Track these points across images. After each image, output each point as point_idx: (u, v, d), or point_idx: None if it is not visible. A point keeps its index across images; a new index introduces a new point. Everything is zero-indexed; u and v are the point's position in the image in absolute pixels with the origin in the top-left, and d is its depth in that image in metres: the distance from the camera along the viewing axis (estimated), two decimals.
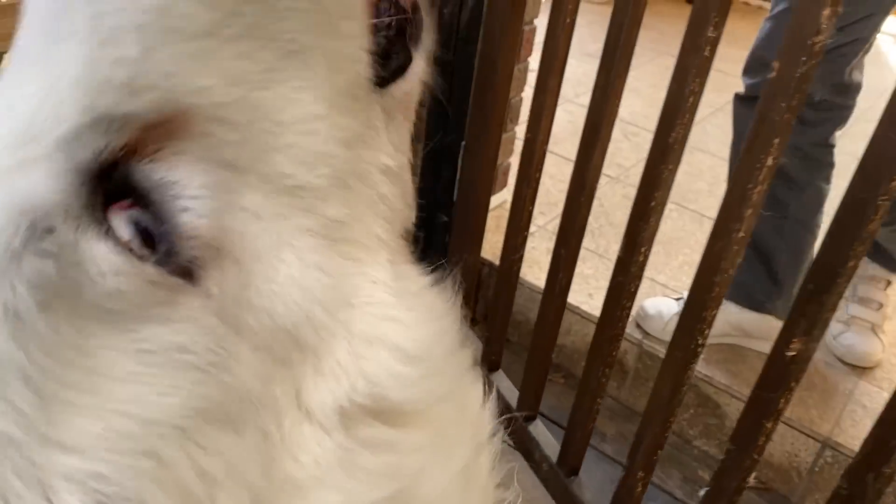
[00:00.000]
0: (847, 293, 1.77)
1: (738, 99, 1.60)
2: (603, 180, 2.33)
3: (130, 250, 0.31)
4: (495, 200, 2.02)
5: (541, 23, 2.01)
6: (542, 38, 1.28)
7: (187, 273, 0.32)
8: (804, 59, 0.85)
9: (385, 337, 0.38)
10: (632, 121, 2.65)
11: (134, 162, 0.32)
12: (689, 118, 1.04)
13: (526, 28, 1.87)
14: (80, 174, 0.31)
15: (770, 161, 0.92)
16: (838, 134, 1.56)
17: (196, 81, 0.33)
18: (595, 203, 2.24)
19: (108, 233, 0.31)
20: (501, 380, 1.66)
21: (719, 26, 0.99)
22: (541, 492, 1.48)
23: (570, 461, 1.39)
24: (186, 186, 0.32)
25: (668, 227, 2.13)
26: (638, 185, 1.13)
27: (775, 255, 1.62)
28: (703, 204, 2.25)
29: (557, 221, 2.19)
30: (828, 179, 1.59)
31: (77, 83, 0.32)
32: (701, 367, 1.66)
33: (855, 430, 1.57)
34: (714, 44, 1.01)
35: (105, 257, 0.30)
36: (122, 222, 0.32)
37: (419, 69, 0.44)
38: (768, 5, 1.56)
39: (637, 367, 1.77)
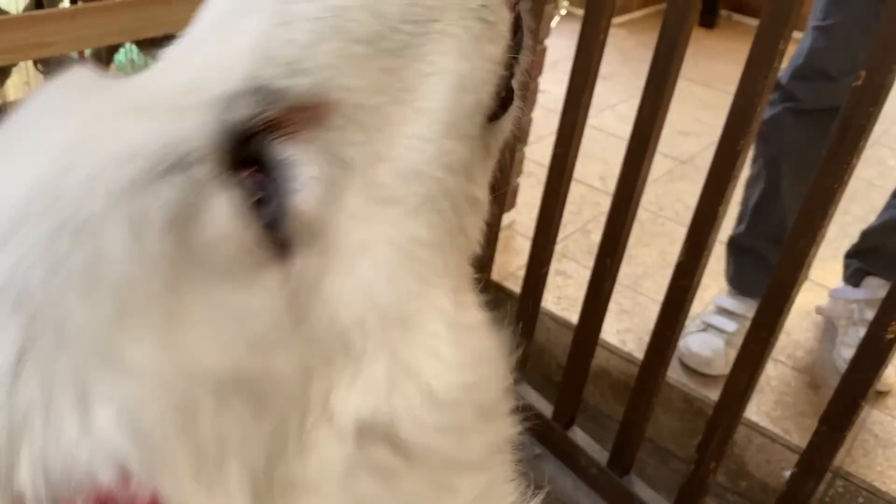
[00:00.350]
0: (855, 317, 1.87)
1: (794, 113, 1.63)
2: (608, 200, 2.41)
3: (245, 210, 0.33)
4: (503, 221, 2.05)
5: (551, 43, 2.09)
6: (552, 59, 1.33)
7: (280, 248, 0.34)
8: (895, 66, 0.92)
9: (421, 373, 0.38)
10: None
11: (271, 136, 0.35)
12: (755, 128, 1.11)
13: (537, 48, 1.93)
14: (226, 132, 0.34)
15: (854, 161, 0.99)
16: None
17: (347, 80, 0.37)
18: (602, 222, 2.35)
19: (232, 188, 0.33)
20: (527, 391, 1.67)
21: (788, 39, 1.05)
22: (583, 493, 1.50)
23: (624, 461, 1.41)
24: (305, 171, 0.35)
25: (677, 250, 2.17)
26: (700, 194, 1.21)
27: None
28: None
29: (565, 244, 2.29)
30: None
31: (249, 50, 0.36)
32: None
33: (866, 460, 1.56)
34: (782, 56, 1.08)
35: (224, 207, 0.33)
36: (246, 184, 0.34)
37: (515, 109, 0.47)
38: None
39: None
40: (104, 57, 1.33)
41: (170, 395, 0.30)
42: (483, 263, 1.70)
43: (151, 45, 1.37)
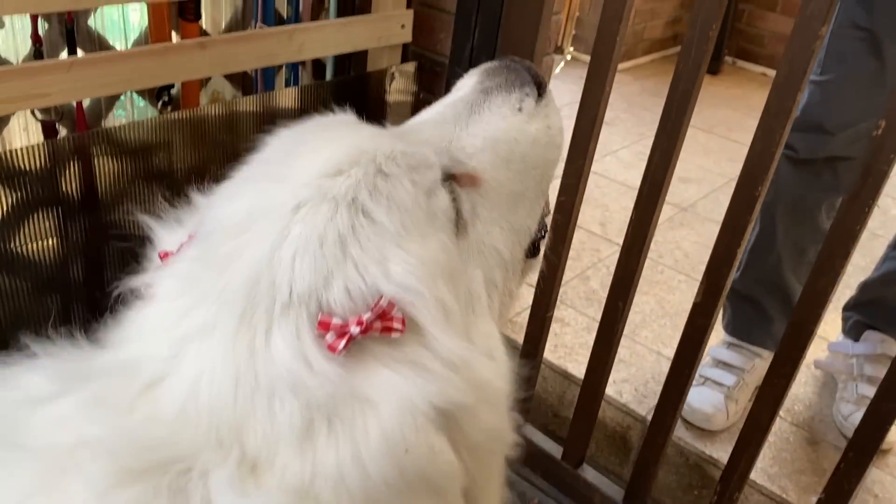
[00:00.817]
0: (855, 372, 1.85)
1: (790, 161, 1.63)
2: (611, 248, 2.40)
3: (451, 200, 0.63)
4: None
5: (555, 87, 2.11)
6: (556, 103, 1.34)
7: (459, 228, 0.63)
8: None
9: (496, 339, 0.64)
10: None
11: (453, 179, 0.65)
12: (771, 174, 1.13)
13: None
14: (441, 169, 0.63)
15: (874, 204, 1.05)
16: None
17: (490, 173, 0.69)
18: (602, 272, 2.34)
19: (444, 189, 0.62)
20: (533, 433, 1.66)
21: (803, 89, 1.07)
22: None
23: (640, 497, 1.41)
24: (466, 202, 0.65)
25: (677, 298, 2.18)
26: (714, 242, 1.23)
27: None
28: None
29: (563, 290, 2.28)
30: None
31: (453, 140, 0.69)
32: None
33: None
34: (797, 105, 1.10)
35: (445, 194, 0.62)
36: (449, 193, 0.63)
37: (541, 251, 0.81)
38: None
39: None
40: (104, 105, 1.34)
41: (426, 269, 0.55)
42: None
43: (150, 91, 1.39)
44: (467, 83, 0.76)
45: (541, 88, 0.75)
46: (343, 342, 0.49)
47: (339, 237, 0.53)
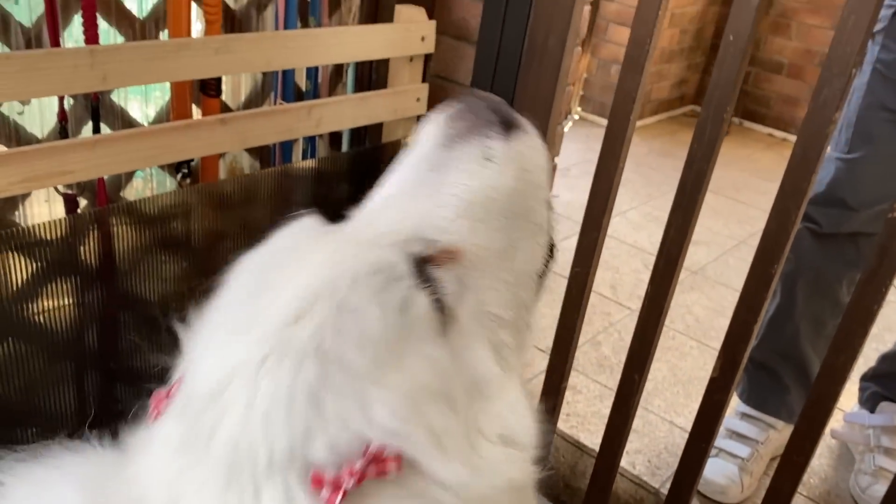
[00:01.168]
0: (872, 443, 1.83)
1: (813, 234, 1.64)
2: (623, 312, 2.40)
3: (430, 302, 0.57)
4: None
5: (563, 147, 2.13)
6: (564, 164, 1.35)
7: (443, 323, 0.58)
8: None
9: (516, 411, 0.62)
10: (653, 251, 2.69)
11: (430, 263, 0.60)
12: (787, 250, 1.15)
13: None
14: (409, 258, 0.58)
15: (890, 283, 1.07)
16: None
17: (471, 240, 0.63)
18: (614, 337, 2.33)
19: (423, 290, 0.57)
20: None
21: (818, 169, 1.08)
22: None
23: None
24: (448, 282, 0.60)
25: (689, 364, 2.17)
26: (732, 314, 1.24)
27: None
28: None
29: (574, 356, 2.26)
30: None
31: (419, 218, 0.63)
32: None
33: None
34: (810, 188, 1.11)
35: (421, 298, 0.56)
36: (426, 287, 0.57)
37: (551, 268, 0.75)
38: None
39: None
40: (124, 176, 1.36)
41: (410, 400, 0.52)
42: None
43: (170, 163, 1.41)
44: (429, 134, 0.69)
45: (508, 126, 0.68)
46: (339, 497, 0.48)
47: (310, 391, 0.50)
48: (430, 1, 1.57)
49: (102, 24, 1.24)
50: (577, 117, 4.05)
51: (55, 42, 1.15)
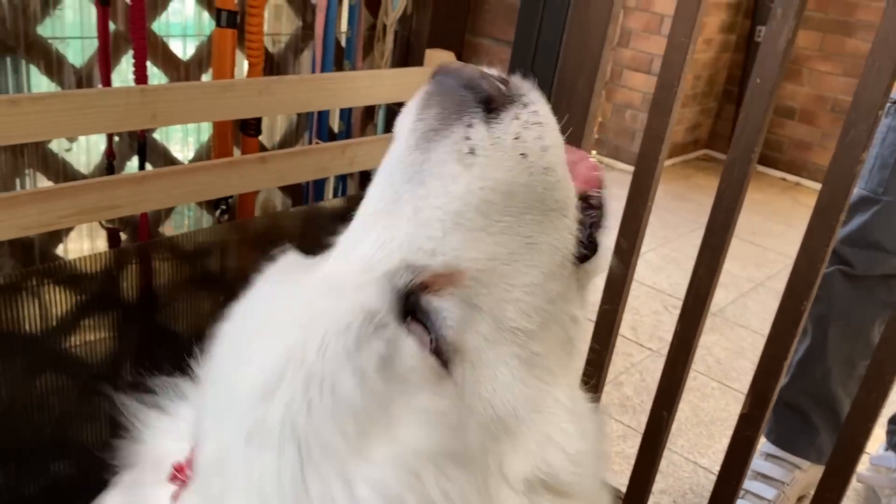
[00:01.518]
0: (887, 491, 1.82)
1: (846, 276, 1.65)
2: (643, 353, 2.41)
3: (421, 345, 0.49)
4: None
5: None
6: None
7: (444, 364, 0.50)
8: None
9: (557, 440, 0.54)
10: (672, 293, 2.73)
11: (423, 293, 0.51)
12: (815, 289, 1.16)
13: None
14: (394, 294, 0.50)
15: None
16: None
17: (469, 255, 0.52)
18: (636, 377, 2.34)
19: (410, 334, 0.49)
20: None
21: (846, 207, 1.10)
22: None
23: None
24: (449, 314, 0.51)
25: (711, 405, 2.16)
26: (762, 350, 1.25)
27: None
28: (747, 382, 2.30)
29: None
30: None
31: (401, 245, 0.52)
32: None
33: None
34: (838, 226, 1.13)
35: (409, 347, 0.48)
36: (414, 328, 0.50)
37: (604, 252, 0.62)
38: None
39: None
40: (163, 211, 1.40)
41: (402, 470, 0.46)
42: None
43: (209, 200, 1.45)
44: (402, 128, 0.57)
45: (489, 103, 0.54)
46: None
47: (292, 476, 0.45)
48: (459, 46, 1.62)
49: (149, 65, 1.29)
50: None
51: (107, 82, 1.20)
